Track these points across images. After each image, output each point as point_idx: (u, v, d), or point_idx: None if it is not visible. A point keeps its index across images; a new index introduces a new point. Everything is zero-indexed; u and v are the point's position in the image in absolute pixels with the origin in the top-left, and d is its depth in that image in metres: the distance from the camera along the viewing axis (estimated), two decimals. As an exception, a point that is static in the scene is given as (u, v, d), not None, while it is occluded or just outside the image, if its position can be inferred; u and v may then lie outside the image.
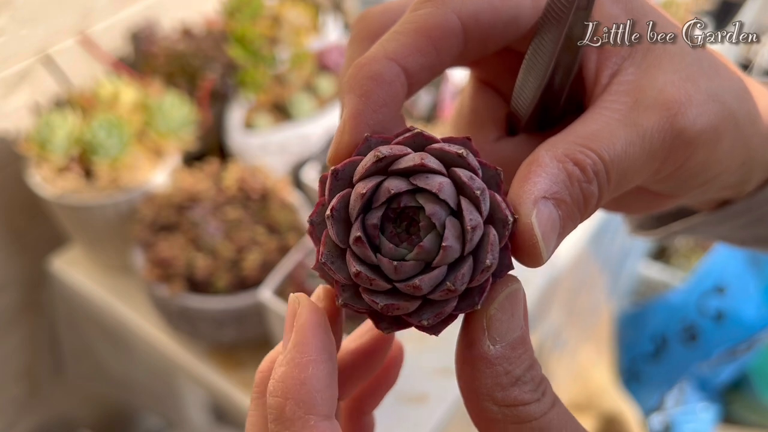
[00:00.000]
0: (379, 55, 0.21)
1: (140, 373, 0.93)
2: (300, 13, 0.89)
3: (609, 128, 0.21)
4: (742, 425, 1.36)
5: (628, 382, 1.30)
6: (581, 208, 0.21)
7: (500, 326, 0.19)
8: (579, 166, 0.20)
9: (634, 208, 0.29)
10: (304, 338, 0.19)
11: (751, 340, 1.19)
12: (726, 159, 0.24)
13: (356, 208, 0.19)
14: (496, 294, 0.20)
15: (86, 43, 0.79)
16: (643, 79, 0.22)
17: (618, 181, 0.21)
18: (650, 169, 0.22)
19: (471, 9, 0.21)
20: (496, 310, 0.20)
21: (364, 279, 0.19)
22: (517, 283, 0.20)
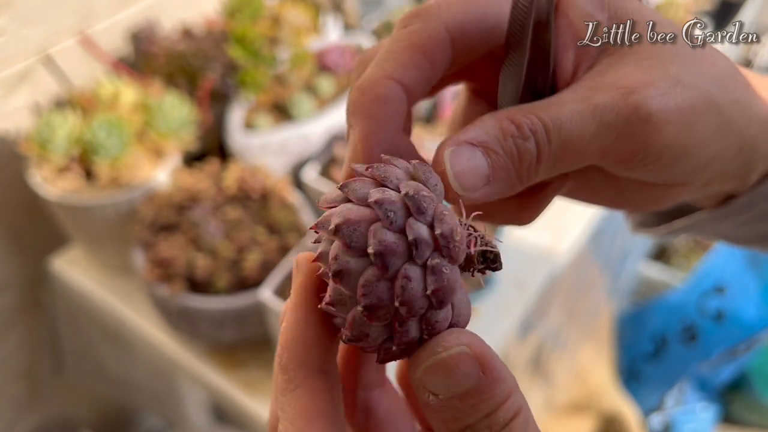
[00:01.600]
0: (379, 75, 0.22)
1: (140, 373, 0.93)
2: (300, 13, 0.89)
3: (559, 101, 0.22)
4: (742, 425, 1.36)
5: (628, 382, 1.30)
6: (515, 163, 0.21)
7: (436, 384, 0.18)
8: (515, 123, 0.21)
9: (637, 202, 0.28)
10: (296, 299, 0.21)
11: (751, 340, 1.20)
12: (711, 144, 0.24)
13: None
14: (423, 358, 0.19)
15: (86, 43, 0.79)
16: (609, 67, 0.23)
17: (562, 145, 0.22)
18: (600, 143, 0.22)
19: (457, 20, 0.23)
20: (422, 373, 0.19)
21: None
22: (456, 345, 0.19)
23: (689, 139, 0.23)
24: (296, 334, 0.20)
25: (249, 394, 0.70)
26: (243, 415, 0.71)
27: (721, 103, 0.23)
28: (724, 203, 0.29)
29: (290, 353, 0.20)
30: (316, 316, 0.21)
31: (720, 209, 0.29)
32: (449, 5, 0.23)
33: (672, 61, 0.23)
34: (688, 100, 0.22)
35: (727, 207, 0.29)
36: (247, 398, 0.70)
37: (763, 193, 0.28)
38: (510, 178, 0.22)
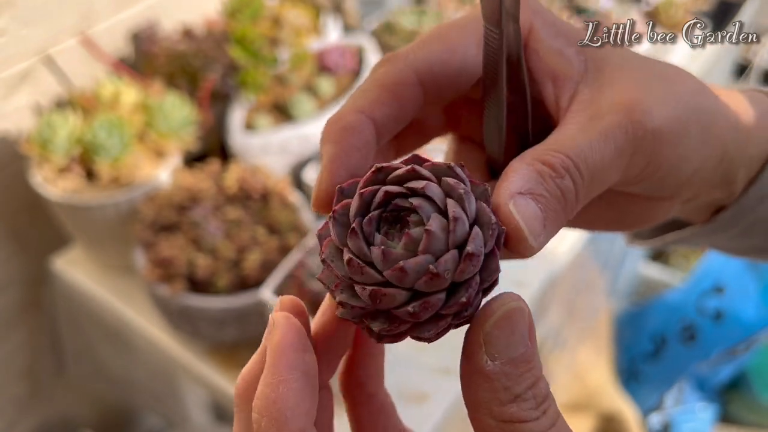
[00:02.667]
0: (349, 109, 0.24)
1: (141, 372, 0.93)
2: (300, 13, 0.89)
3: (572, 136, 0.23)
4: (741, 425, 1.37)
5: (627, 382, 1.31)
6: (561, 202, 0.22)
7: (497, 343, 0.19)
8: (548, 165, 0.22)
9: (629, 221, 0.29)
10: (274, 359, 0.20)
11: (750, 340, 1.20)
12: (698, 154, 0.25)
13: (354, 209, 0.20)
14: (493, 310, 0.20)
15: (87, 43, 0.79)
16: (596, 94, 0.24)
17: (591, 176, 0.22)
18: (620, 164, 0.23)
19: (423, 64, 0.24)
20: (492, 327, 0.20)
21: (355, 267, 0.20)
22: (517, 300, 0.20)
23: (682, 149, 0.24)
24: (276, 396, 0.20)
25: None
26: (243, 414, 0.71)
27: (701, 112, 0.24)
28: (712, 218, 0.30)
29: (270, 418, 0.20)
30: (298, 375, 0.20)
31: (708, 224, 0.30)
32: (416, 50, 0.25)
33: (652, 78, 0.24)
34: (677, 110, 0.23)
35: (714, 222, 0.30)
36: (247, 398, 0.70)
37: (745, 206, 0.29)
38: (559, 218, 0.22)
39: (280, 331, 0.21)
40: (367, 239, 0.20)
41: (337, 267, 0.21)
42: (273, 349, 0.20)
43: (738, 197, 0.29)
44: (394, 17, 1.03)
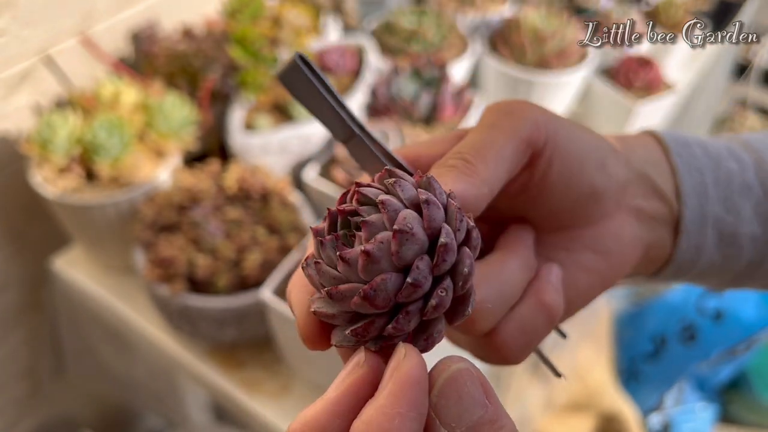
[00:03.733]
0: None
1: (141, 372, 0.93)
2: (300, 13, 0.89)
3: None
4: (741, 425, 1.37)
5: (627, 382, 1.31)
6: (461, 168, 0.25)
7: (449, 412, 0.18)
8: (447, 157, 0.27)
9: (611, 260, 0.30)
10: (400, 389, 0.18)
11: (750, 340, 1.20)
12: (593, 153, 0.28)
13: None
14: (434, 379, 0.19)
15: (87, 43, 0.79)
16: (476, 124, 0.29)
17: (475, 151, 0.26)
18: (503, 133, 0.26)
19: None
20: (437, 397, 0.18)
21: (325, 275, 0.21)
22: (459, 363, 0.19)
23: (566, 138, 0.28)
24: (390, 427, 0.18)
25: (249, 394, 0.70)
26: (244, 414, 0.71)
27: (574, 125, 0.29)
28: (659, 272, 0.32)
29: None
30: (416, 414, 0.19)
31: (659, 276, 0.32)
32: None
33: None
34: (550, 114, 0.29)
35: (662, 275, 0.32)
36: (247, 398, 0.70)
37: (683, 261, 0.31)
38: (468, 177, 0.26)
39: (411, 362, 0.19)
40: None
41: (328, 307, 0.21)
42: (400, 379, 0.18)
43: (674, 253, 0.31)
44: (394, 17, 1.03)
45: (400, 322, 0.19)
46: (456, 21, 1.06)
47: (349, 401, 0.19)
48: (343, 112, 0.26)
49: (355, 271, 0.19)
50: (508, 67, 0.99)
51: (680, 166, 0.30)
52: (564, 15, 1.02)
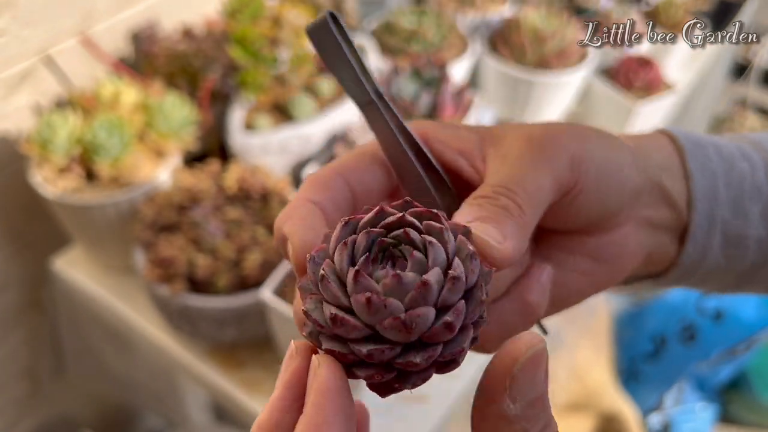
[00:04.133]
0: (293, 200, 0.27)
1: (141, 372, 0.93)
2: (300, 13, 0.89)
3: (495, 170, 0.27)
4: (741, 425, 1.37)
5: (627, 382, 1.31)
6: (507, 214, 0.25)
7: (522, 386, 0.19)
8: (480, 197, 0.25)
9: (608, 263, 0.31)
10: (321, 399, 0.19)
11: (750, 340, 1.20)
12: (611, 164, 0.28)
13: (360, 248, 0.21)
14: (520, 353, 0.20)
15: (87, 43, 0.79)
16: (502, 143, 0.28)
17: (524, 190, 0.26)
18: (544, 172, 0.26)
19: (347, 166, 0.28)
20: (519, 371, 0.19)
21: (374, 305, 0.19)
22: (542, 343, 0.20)
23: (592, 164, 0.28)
24: None
25: (249, 394, 0.70)
26: (244, 414, 0.71)
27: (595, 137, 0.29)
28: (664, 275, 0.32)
29: None
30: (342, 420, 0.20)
31: (664, 279, 0.32)
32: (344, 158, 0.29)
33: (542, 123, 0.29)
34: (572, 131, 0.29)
35: (667, 278, 0.32)
36: (247, 398, 0.70)
37: (689, 263, 0.31)
38: (515, 228, 0.25)
39: (326, 371, 0.20)
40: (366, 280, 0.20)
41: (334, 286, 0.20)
42: (319, 389, 0.20)
43: (680, 255, 0.31)
44: (394, 17, 1.03)
45: (412, 358, 0.20)
46: (456, 21, 1.06)
47: (291, 394, 0.20)
48: (364, 76, 0.26)
49: (398, 294, 0.19)
50: (508, 67, 0.99)
51: (694, 171, 0.30)
52: (564, 15, 1.02)
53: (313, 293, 0.21)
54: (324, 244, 0.22)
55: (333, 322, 0.20)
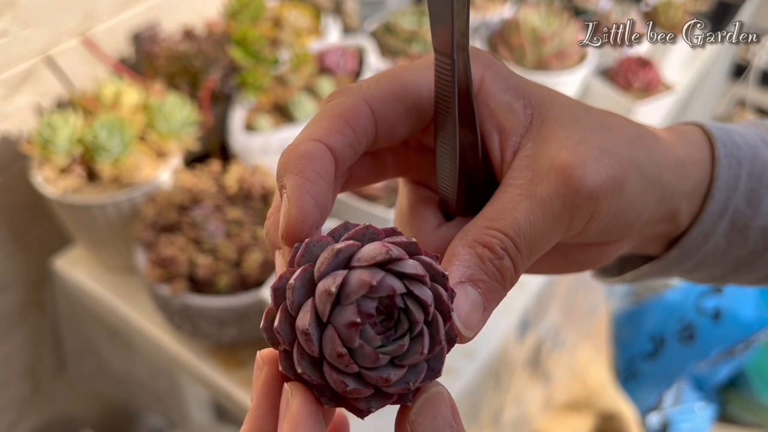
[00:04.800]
0: (305, 138, 0.23)
1: (142, 372, 0.94)
2: (301, 14, 0.90)
3: (512, 205, 0.24)
4: (739, 424, 1.37)
5: (626, 381, 1.31)
6: (501, 281, 0.24)
7: (423, 429, 0.20)
8: (488, 247, 0.23)
9: (582, 264, 0.31)
10: (294, 428, 0.20)
11: (749, 340, 1.20)
12: (639, 201, 0.26)
13: (358, 295, 0.20)
14: (415, 401, 0.21)
15: (88, 44, 0.79)
16: (539, 151, 0.25)
17: (530, 249, 0.24)
18: (559, 230, 0.24)
19: (376, 97, 0.25)
20: (416, 415, 0.20)
21: (345, 360, 0.20)
22: (436, 386, 0.21)
23: (622, 201, 0.25)
24: None
25: (250, 393, 0.71)
26: (244, 414, 0.72)
27: (640, 163, 0.26)
28: (664, 255, 0.31)
29: None
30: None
31: (661, 261, 0.32)
32: (369, 84, 0.25)
33: (591, 134, 0.25)
34: (616, 168, 0.25)
35: (666, 259, 0.31)
36: (248, 397, 0.70)
37: (691, 245, 0.30)
38: (499, 296, 0.24)
39: (299, 400, 0.20)
40: (362, 334, 0.20)
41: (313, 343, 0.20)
42: (292, 419, 0.20)
43: (683, 234, 0.30)
44: (394, 18, 1.03)
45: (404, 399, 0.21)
46: (456, 21, 1.06)
47: (267, 401, 0.21)
48: (458, 27, 0.23)
49: (398, 357, 0.20)
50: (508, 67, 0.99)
51: (722, 158, 0.29)
52: (564, 16, 1.02)
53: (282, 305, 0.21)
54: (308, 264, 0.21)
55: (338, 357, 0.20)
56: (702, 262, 0.31)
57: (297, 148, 0.23)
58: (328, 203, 0.23)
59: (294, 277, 0.20)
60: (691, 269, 0.32)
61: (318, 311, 0.20)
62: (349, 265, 0.21)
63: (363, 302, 0.20)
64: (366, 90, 0.25)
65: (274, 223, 0.24)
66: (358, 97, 0.24)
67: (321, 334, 0.20)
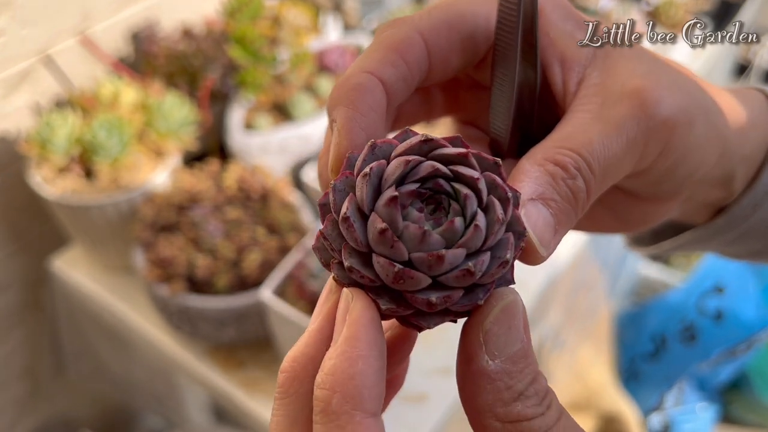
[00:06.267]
0: (357, 70, 0.23)
1: (141, 372, 0.93)
2: (300, 13, 0.89)
3: (583, 127, 0.22)
4: (741, 425, 1.36)
5: (628, 382, 1.30)
6: (573, 204, 0.22)
7: (497, 340, 0.19)
8: (560, 165, 0.22)
9: (629, 222, 0.29)
10: (356, 332, 0.19)
11: (750, 340, 1.20)
12: (702, 148, 0.24)
13: (395, 175, 0.19)
14: (491, 307, 0.19)
15: (87, 43, 0.79)
16: (607, 79, 0.23)
17: (603, 173, 0.22)
18: (632, 157, 0.23)
19: (429, 25, 0.24)
20: (492, 324, 0.19)
21: (387, 239, 0.18)
22: (513, 294, 0.20)
23: (689, 141, 0.24)
24: (354, 372, 0.18)
25: (249, 394, 0.70)
26: (243, 414, 0.71)
27: (707, 107, 0.24)
28: (708, 223, 0.30)
29: (345, 395, 0.18)
30: (377, 353, 0.19)
31: (704, 229, 0.30)
32: (422, 15, 0.24)
33: (658, 67, 0.24)
34: (688, 101, 0.23)
35: (709, 228, 0.30)
36: (247, 398, 0.70)
37: (740, 213, 0.29)
38: (570, 220, 0.22)
39: (361, 304, 0.19)
40: (407, 216, 0.19)
41: (359, 229, 0.19)
42: (353, 322, 0.19)
43: (733, 203, 0.29)
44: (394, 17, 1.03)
45: (472, 298, 0.19)
46: (456, 21, 1.06)
47: (330, 326, 0.19)
48: None
49: (452, 239, 0.19)
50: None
51: None
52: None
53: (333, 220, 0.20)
54: (348, 171, 0.20)
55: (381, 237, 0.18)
56: (745, 234, 0.30)
57: (348, 80, 0.22)
58: (380, 137, 0.22)
59: (335, 181, 0.20)
60: (731, 241, 0.31)
61: (357, 199, 0.19)
62: (389, 158, 0.20)
63: (403, 186, 0.19)
64: (419, 21, 0.24)
65: (325, 163, 0.23)
66: (412, 28, 0.23)
67: (364, 224, 0.19)
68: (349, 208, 0.19)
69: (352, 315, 0.19)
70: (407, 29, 0.23)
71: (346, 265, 0.19)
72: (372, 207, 0.19)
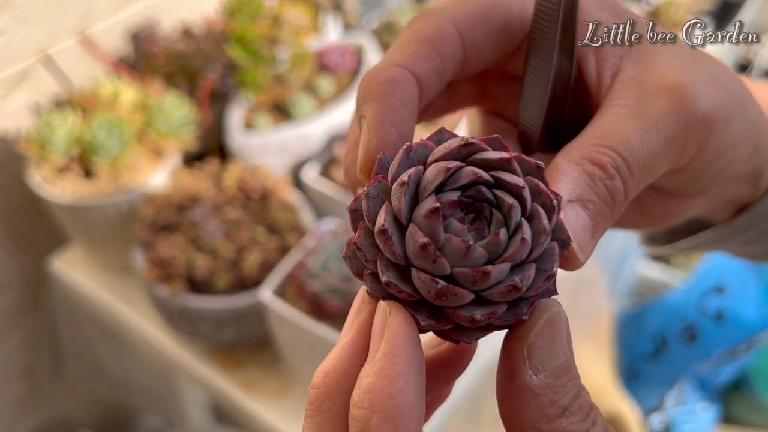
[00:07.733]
0: (388, 64, 0.22)
1: (140, 373, 0.93)
2: (300, 13, 0.89)
3: (620, 124, 0.21)
4: (742, 425, 1.36)
5: (628, 382, 1.30)
6: (610, 205, 0.21)
7: (542, 354, 0.18)
8: (598, 165, 0.21)
9: (655, 218, 0.28)
10: (395, 348, 0.18)
11: (751, 340, 1.20)
12: (737, 144, 0.24)
13: (435, 183, 0.18)
14: (535, 320, 0.19)
15: (86, 43, 0.79)
16: (644, 72, 0.22)
17: (642, 173, 0.21)
18: (671, 154, 0.22)
19: (463, 16, 0.23)
20: (536, 337, 0.18)
21: (429, 253, 0.17)
22: (557, 306, 0.19)
23: (726, 137, 0.23)
24: (394, 390, 0.17)
25: (249, 394, 0.70)
26: (243, 415, 0.71)
27: (744, 101, 0.23)
28: (730, 221, 0.29)
29: (385, 415, 0.17)
30: (416, 371, 0.18)
31: (726, 227, 0.29)
32: (455, 4, 0.23)
33: (695, 60, 0.23)
34: (726, 96, 0.22)
35: (732, 225, 0.29)
36: (246, 398, 0.70)
37: (762, 212, 0.28)
38: (608, 222, 0.21)
39: (400, 319, 0.18)
40: (448, 227, 0.18)
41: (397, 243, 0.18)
42: (392, 337, 0.18)
43: (756, 200, 0.28)
44: (394, 16, 1.03)
45: (516, 312, 0.18)
46: (456, 20, 1.06)
47: (364, 339, 0.19)
48: None
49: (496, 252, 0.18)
50: (509, 66, 0.99)
51: None
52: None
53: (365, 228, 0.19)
54: (380, 176, 0.19)
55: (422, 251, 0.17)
56: (765, 233, 0.29)
57: (379, 73, 0.21)
58: (411, 135, 0.21)
59: (368, 187, 0.19)
60: (751, 240, 0.30)
61: (394, 209, 0.18)
62: (426, 163, 0.19)
63: (443, 194, 0.18)
64: (453, 11, 0.23)
65: (353, 159, 0.22)
66: (445, 19, 0.22)
67: (402, 236, 0.18)
68: (386, 219, 0.18)
69: (390, 330, 0.18)
70: (441, 20, 0.22)
71: (383, 280, 0.18)
72: (410, 217, 0.18)
